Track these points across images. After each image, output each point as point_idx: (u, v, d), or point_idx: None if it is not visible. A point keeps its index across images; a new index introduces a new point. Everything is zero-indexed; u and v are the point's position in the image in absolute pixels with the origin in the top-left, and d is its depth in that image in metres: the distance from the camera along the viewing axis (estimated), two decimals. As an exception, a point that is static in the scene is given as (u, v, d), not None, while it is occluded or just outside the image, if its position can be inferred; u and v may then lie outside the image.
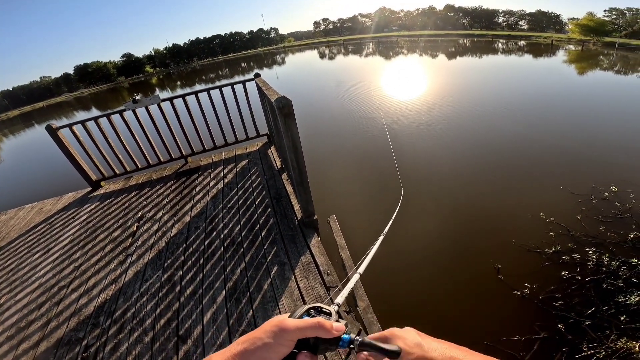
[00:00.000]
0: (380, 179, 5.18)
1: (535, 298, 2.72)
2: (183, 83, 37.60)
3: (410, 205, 4.32)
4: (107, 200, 3.96)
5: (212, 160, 4.50)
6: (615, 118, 7.38)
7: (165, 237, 2.94)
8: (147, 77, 68.00)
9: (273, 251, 2.39)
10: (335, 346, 0.39)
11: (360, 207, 4.44)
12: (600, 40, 29.68)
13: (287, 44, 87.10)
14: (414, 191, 4.66)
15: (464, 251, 3.48)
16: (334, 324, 0.39)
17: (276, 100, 1.90)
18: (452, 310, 2.81)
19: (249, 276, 2.19)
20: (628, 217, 3.57)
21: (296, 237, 2.52)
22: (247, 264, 2.32)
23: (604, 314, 2.48)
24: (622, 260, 2.93)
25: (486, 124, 7.52)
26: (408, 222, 3.97)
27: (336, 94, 13.23)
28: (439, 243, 3.68)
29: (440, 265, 3.36)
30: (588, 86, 11.56)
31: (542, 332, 2.42)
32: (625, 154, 5.30)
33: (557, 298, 2.69)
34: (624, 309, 2.47)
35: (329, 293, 1.95)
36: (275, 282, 2.10)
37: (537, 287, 2.81)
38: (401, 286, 3.10)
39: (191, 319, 1.97)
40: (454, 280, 3.14)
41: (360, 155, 6.41)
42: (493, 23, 66.86)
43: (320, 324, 0.38)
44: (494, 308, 2.77)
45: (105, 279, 2.54)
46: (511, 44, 34.29)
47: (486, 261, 3.21)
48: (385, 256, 3.47)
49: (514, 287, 2.84)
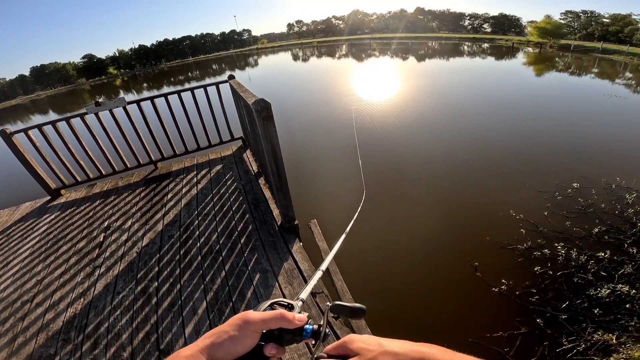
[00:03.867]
0: (351, 181, 5.21)
1: (512, 294, 2.82)
2: (150, 85, 36.08)
3: (378, 206, 4.38)
4: (68, 210, 3.66)
5: (184, 165, 4.30)
6: (571, 118, 7.93)
7: (137, 248, 2.75)
8: (110, 78, 64.59)
9: (254, 258, 2.30)
10: (299, 337, 0.40)
11: (337, 209, 4.43)
12: (556, 42, 31.68)
13: (260, 46, 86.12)
14: (387, 192, 4.73)
15: (441, 249, 3.56)
16: (295, 315, 0.41)
17: (254, 103, 1.82)
18: (435, 310, 2.85)
19: (231, 285, 2.09)
20: (591, 212, 3.81)
21: (277, 243, 2.43)
22: (228, 272, 2.21)
23: (577, 307, 2.60)
24: (589, 254, 3.10)
25: (454, 127, 7.80)
26: (382, 226, 4.01)
27: (309, 98, 13.25)
28: (416, 242, 3.74)
29: (419, 265, 3.40)
30: (544, 88, 12.35)
31: (523, 327, 2.50)
32: (583, 152, 5.69)
33: (533, 293, 2.80)
34: (596, 302, 2.60)
35: (315, 298, 1.90)
36: (259, 290, 2.01)
37: (513, 283, 2.91)
38: (382, 290, 3.10)
39: (172, 332, 1.85)
40: (434, 279, 3.19)
41: (331, 157, 6.42)
42: (459, 26, 69.93)
43: (282, 314, 0.39)
44: (475, 305, 2.84)
45: (72, 292, 2.35)
46: (476, 47, 36.03)
47: (464, 258, 3.29)
48: (361, 258, 3.48)
49: (492, 284, 2.92)
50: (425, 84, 14.35)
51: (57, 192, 4.00)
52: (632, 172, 4.51)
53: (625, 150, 5.69)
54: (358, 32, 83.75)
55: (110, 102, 3.47)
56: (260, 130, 1.91)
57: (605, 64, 19.60)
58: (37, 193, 4.12)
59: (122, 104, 3.55)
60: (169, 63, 78.77)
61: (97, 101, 3.37)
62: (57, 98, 38.14)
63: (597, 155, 5.51)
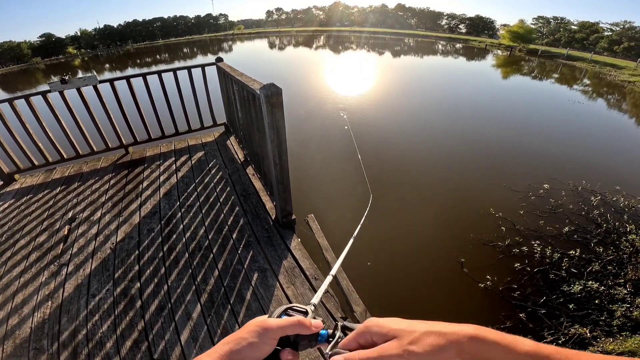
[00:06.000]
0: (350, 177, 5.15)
1: (496, 289, 2.92)
2: (113, 66, 33.36)
3: (364, 204, 4.36)
4: (24, 198, 3.24)
5: (160, 151, 3.98)
6: (540, 122, 8.43)
7: (110, 243, 2.47)
8: (68, 58, 59.04)
9: (249, 256, 2.15)
10: (314, 342, 0.41)
11: (331, 204, 4.34)
12: (525, 47, 33.49)
13: (236, 31, 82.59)
14: (373, 190, 4.73)
15: (427, 244, 3.62)
16: (312, 321, 0.41)
17: (264, 88, 1.65)
18: (423, 305, 2.88)
19: (226, 286, 1.92)
20: (560, 212, 4.05)
21: (273, 239, 2.30)
22: (221, 271, 2.04)
23: (554, 302, 2.75)
24: (562, 253, 3.30)
25: (434, 128, 7.98)
26: (368, 223, 3.99)
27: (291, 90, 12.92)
28: (403, 240, 3.77)
29: (406, 261, 3.43)
30: (513, 90, 13.04)
31: (507, 321, 2.59)
32: (552, 156, 6.06)
33: (514, 289, 2.92)
34: (569, 297, 2.77)
35: (321, 299, 1.80)
36: (259, 290, 1.88)
37: (497, 279, 3.02)
38: (370, 287, 3.08)
39: (165, 339, 1.66)
40: (422, 274, 3.23)
41: (322, 149, 6.31)
42: (437, 25, 71.75)
43: (300, 321, 0.40)
44: (462, 300, 2.91)
45: (36, 294, 2.05)
46: (449, 46, 37.22)
47: (450, 255, 3.36)
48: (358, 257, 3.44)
49: (477, 280, 3.01)
50: (399, 84, 14.56)
51: (10, 177, 3.53)
52: (595, 176, 4.86)
53: (589, 155, 6.15)
54: (337, 24, 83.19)
55: (78, 80, 3.08)
56: (266, 118, 1.75)
57: (569, 70, 21.13)
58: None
59: (93, 82, 3.17)
60: (135, 44, 73.36)
61: (63, 78, 2.97)
62: (8, 77, 34.33)
63: (563, 159, 5.90)
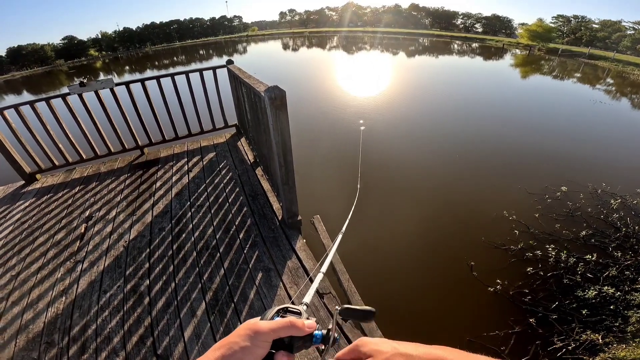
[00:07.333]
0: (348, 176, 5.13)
1: (506, 294, 2.85)
2: (133, 68, 34.43)
3: (373, 205, 4.34)
4: (44, 197, 3.39)
5: (174, 152, 4.09)
6: (559, 123, 8.14)
7: (123, 241, 2.57)
8: (90, 60, 61.23)
9: (255, 255, 2.18)
10: (309, 343, 0.40)
11: (334, 204, 4.35)
12: (544, 46, 32.39)
13: (250, 33, 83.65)
14: (385, 191, 4.69)
15: (437, 248, 3.56)
16: (305, 321, 0.40)
17: (267, 90, 1.69)
18: (432, 310, 2.84)
19: (231, 284, 1.97)
20: (578, 215, 3.91)
21: (279, 240, 2.33)
22: (227, 270, 2.08)
23: (566, 307, 2.66)
24: (578, 257, 3.19)
25: (447, 128, 7.84)
26: (380, 224, 3.97)
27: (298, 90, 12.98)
28: (414, 243, 3.72)
29: (415, 264, 3.39)
30: (532, 90, 12.65)
31: (517, 326, 2.53)
32: (571, 157, 5.85)
33: (525, 293, 2.84)
34: (583, 302, 2.68)
35: (323, 299, 1.82)
36: (262, 290, 1.91)
37: (507, 283, 2.95)
38: (378, 291, 3.06)
39: (169, 335, 1.71)
40: (431, 278, 3.19)
41: (327, 150, 6.32)
42: (452, 24, 70.39)
43: (292, 323, 0.39)
44: (471, 304, 2.85)
45: (52, 290, 2.15)
46: (465, 46, 36.45)
47: (460, 258, 3.30)
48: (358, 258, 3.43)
49: (487, 284, 2.95)
50: (413, 84, 14.38)
51: (32, 176, 3.71)
52: (616, 179, 4.67)
53: (610, 156, 5.89)
54: (350, 25, 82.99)
55: (96, 83, 3.21)
56: (271, 120, 1.79)
57: (591, 70, 20.32)
58: (9, 177, 3.82)
59: (110, 85, 3.30)
60: (154, 47, 75.58)
61: (82, 81, 3.10)
62: (33, 79, 35.89)
63: (583, 161, 5.68)
